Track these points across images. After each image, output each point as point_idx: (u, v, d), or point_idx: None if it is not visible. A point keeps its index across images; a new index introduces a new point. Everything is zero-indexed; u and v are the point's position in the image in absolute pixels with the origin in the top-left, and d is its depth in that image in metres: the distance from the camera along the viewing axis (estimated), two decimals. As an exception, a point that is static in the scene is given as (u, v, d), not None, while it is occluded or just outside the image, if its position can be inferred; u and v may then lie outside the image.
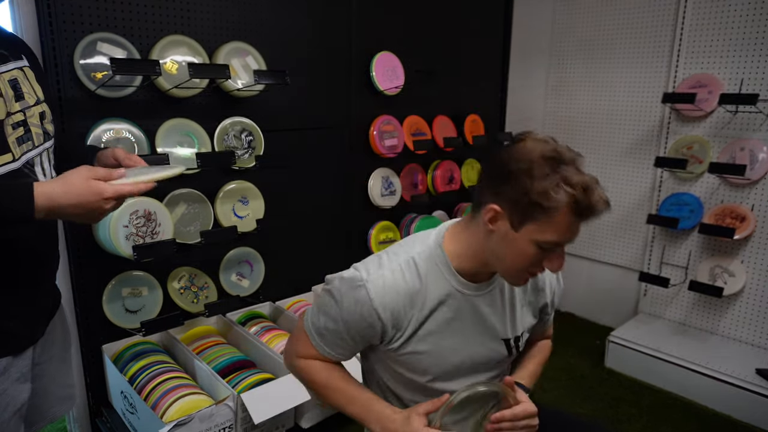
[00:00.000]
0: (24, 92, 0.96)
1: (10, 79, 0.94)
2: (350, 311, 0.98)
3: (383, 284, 0.97)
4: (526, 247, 0.91)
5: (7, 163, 0.89)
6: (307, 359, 1.09)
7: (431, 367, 1.03)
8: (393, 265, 0.99)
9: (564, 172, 0.86)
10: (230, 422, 1.64)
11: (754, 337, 2.42)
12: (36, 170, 0.98)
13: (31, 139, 0.96)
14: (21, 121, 0.94)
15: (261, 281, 2.24)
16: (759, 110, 2.27)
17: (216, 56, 1.95)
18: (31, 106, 0.97)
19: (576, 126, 2.99)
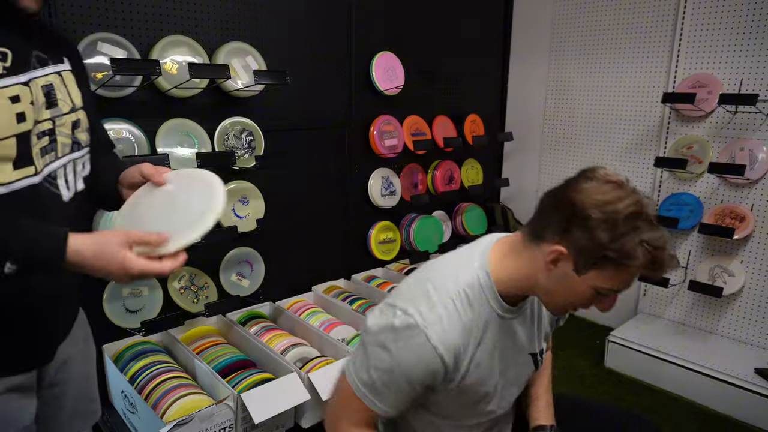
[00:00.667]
0: (58, 99, 0.90)
1: (44, 85, 0.87)
2: (409, 361, 0.90)
3: (442, 327, 0.90)
4: (585, 291, 0.89)
5: (29, 177, 0.83)
6: (360, 428, 0.99)
7: (480, 391, 1.00)
8: (444, 299, 0.92)
9: (643, 230, 0.82)
10: (230, 422, 1.64)
11: (754, 336, 2.43)
12: (59, 183, 0.91)
13: (55, 150, 0.90)
14: (48, 130, 0.88)
15: (261, 281, 2.25)
16: (759, 110, 2.28)
17: (216, 56, 1.95)
18: (64, 114, 0.91)
19: (576, 126, 2.99)
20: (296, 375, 1.75)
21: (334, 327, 2.16)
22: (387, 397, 0.94)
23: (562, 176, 0.98)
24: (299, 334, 2.12)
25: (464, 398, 1.00)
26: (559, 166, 3.09)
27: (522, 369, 1.08)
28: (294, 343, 1.99)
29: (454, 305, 0.92)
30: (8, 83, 0.79)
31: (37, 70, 0.86)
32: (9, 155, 0.79)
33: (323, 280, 2.57)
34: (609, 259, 0.83)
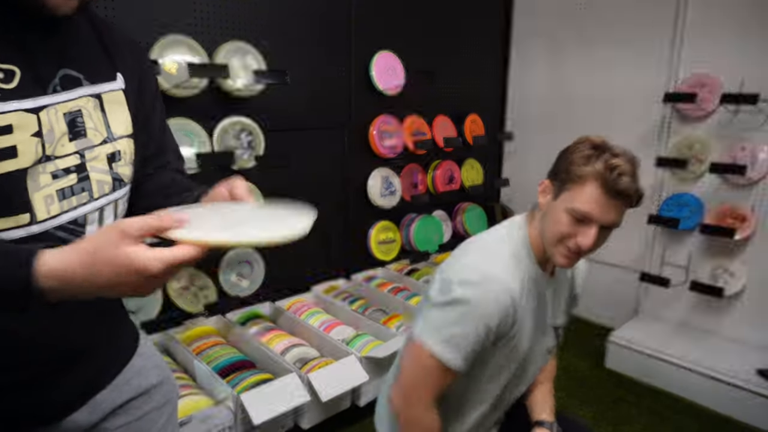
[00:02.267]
0: (87, 128, 0.72)
1: (69, 111, 0.70)
2: (490, 308, 0.99)
3: (506, 271, 1.02)
4: (561, 216, 1.00)
5: (18, 227, 0.65)
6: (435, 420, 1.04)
7: (514, 347, 1.08)
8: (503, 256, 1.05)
9: (605, 153, 0.98)
10: (230, 422, 1.63)
11: (756, 337, 2.42)
12: (88, 230, 0.73)
13: (88, 190, 0.72)
14: (75, 167, 0.70)
15: (261, 281, 2.24)
16: (760, 110, 2.27)
17: (216, 56, 1.95)
18: (96, 145, 0.73)
19: (576, 126, 2.98)
20: (296, 375, 1.74)
21: (333, 327, 2.15)
22: (469, 351, 1.00)
23: None
24: (299, 334, 2.12)
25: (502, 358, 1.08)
26: (559, 166, 3.08)
27: (547, 341, 1.17)
28: (294, 344, 1.99)
29: (509, 260, 1.04)
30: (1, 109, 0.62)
31: (60, 94, 0.69)
32: None
33: (323, 280, 2.56)
34: (571, 174, 0.98)
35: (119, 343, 0.88)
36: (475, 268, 1.02)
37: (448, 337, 0.99)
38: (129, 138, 0.79)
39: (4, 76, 0.63)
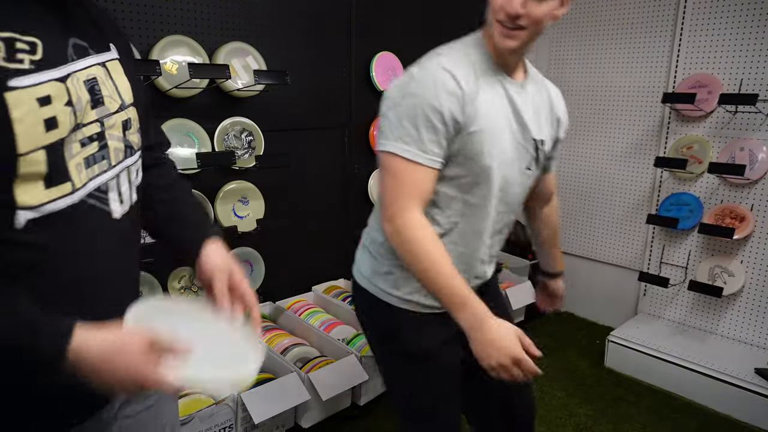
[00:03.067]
0: (104, 96, 0.74)
1: (87, 79, 0.71)
2: (428, 85, 1.01)
3: (450, 59, 1.05)
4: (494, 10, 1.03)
5: (64, 196, 0.67)
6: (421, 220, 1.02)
7: (491, 149, 1.07)
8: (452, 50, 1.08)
9: None
10: (230, 422, 1.64)
11: (754, 336, 2.43)
12: (110, 197, 0.75)
13: (107, 158, 0.74)
14: (96, 135, 0.72)
15: (261, 281, 2.24)
16: (758, 110, 2.28)
17: (216, 56, 1.95)
18: (113, 113, 0.75)
19: (576, 126, 2.99)
20: (296, 375, 1.75)
21: (334, 327, 2.16)
22: (425, 139, 1.00)
23: (562, 176, 1.01)
24: (299, 334, 2.12)
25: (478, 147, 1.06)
26: (559, 166, 3.08)
27: (526, 149, 1.15)
28: (294, 343, 1.99)
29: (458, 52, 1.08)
30: (37, 80, 0.63)
31: (77, 62, 0.70)
32: (38, 171, 0.63)
33: (323, 280, 2.57)
34: None
35: None
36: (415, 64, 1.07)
37: (401, 133, 1.01)
38: (133, 106, 0.80)
39: (30, 48, 0.64)
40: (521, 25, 1.01)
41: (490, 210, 1.12)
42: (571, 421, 2.15)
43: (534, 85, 1.20)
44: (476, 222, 1.12)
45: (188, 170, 1.88)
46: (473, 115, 1.03)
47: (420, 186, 1.02)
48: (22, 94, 0.61)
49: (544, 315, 3.18)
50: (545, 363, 2.59)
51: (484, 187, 1.09)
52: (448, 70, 1.02)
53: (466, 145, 1.04)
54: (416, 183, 1.02)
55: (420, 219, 1.02)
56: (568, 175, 3.04)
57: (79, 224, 0.69)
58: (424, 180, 1.02)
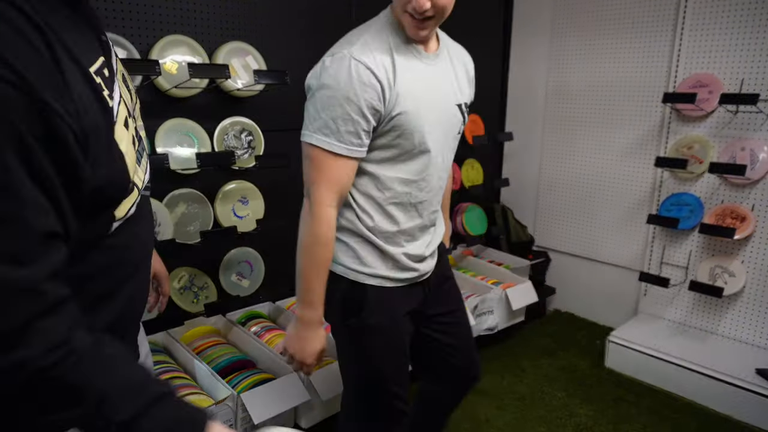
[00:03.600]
0: (130, 90, 0.75)
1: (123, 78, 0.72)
2: (343, 78, 1.03)
3: (364, 48, 1.06)
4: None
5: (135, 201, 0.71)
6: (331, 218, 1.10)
7: (418, 128, 1.11)
8: (359, 38, 1.09)
9: None
10: (230, 422, 1.64)
11: (754, 337, 2.42)
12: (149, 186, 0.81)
13: (144, 150, 0.77)
14: (135, 130, 0.73)
15: (261, 281, 2.24)
16: (759, 110, 2.27)
17: (216, 56, 1.95)
18: (135, 104, 0.78)
19: (576, 126, 2.98)
20: (296, 375, 1.75)
21: (334, 327, 2.16)
22: (342, 131, 1.04)
23: (562, 176, 1.00)
24: (299, 334, 2.12)
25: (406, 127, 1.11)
26: (559, 166, 3.08)
27: (454, 117, 1.22)
28: (294, 343, 1.99)
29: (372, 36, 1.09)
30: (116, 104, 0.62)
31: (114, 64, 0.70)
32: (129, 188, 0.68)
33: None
34: None
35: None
36: (333, 51, 1.09)
37: (320, 125, 1.05)
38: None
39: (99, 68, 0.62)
40: (430, 16, 1.06)
41: (430, 180, 1.20)
42: (571, 421, 2.15)
43: (447, 52, 1.25)
44: (419, 194, 1.19)
45: (188, 170, 1.88)
46: (395, 100, 1.08)
47: (338, 175, 1.08)
48: (119, 126, 0.63)
49: (544, 315, 3.18)
50: (545, 363, 2.60)
51: (421, 160, 1.16)
52: (362, 62, 1.04)
53: (394, 127, 1.10)
54: (335, 172, 1.08)
55: (330, 216, 1.10)
56: (568, 175, 3.04)
57: (140, 217, 0.74)
58: (344, 169, 1.08)
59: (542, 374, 2.49)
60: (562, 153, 3.07)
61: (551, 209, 3.16)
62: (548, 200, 3.17)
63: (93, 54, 0.62)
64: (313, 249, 1.11)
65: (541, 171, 3.19)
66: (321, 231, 1.10)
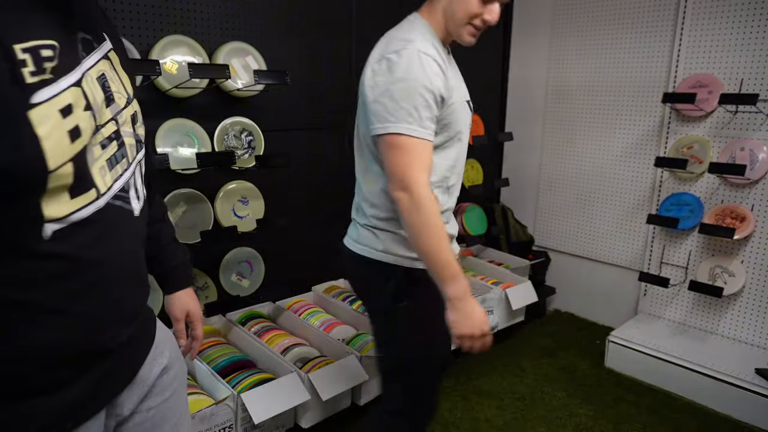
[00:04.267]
0: (114, 92, 0.71)
1: (98, 77, 0.68)
2: (422, 72, 1.12)
3: (424, 42, 1.17)
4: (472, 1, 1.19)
5: (89, 204, 0.65)
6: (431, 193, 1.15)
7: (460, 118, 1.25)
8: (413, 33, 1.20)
9: None
10: (230, 422, 1.64)
11: (754, 336, 2.43)
12: (131, 195, 0.74)
13: (126, 156, 0.72)
14: (114, 134, 0.69)
15: (261, 281, 2.25)
16: (759, 110, 2.27)
17: (216, 56, 1.95)
18: (123, 108, 0.73)
19: (576, 126, 2.99)
20: (296, 375, 1.75)
21: (334, 327, 2.16)
22: (423, 117, 1.13)
23: (562, 176, 1.01)
24: (299, 334, 2.12)
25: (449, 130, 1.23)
26: (559, 165, 3.09)
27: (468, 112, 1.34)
28: (294, 343, 1.99)
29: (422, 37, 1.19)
30: (58, 90, 0.59)
31: (87, 59, 0.66)
32: (65, 184, 0.62)
33: (323, 280, 2.57)
34: None
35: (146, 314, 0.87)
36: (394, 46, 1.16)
37: (403, 114, 1.12)
38: (135, 98, 0.79)
39: (52, 54, 0.59)
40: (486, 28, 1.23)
41: (459, 166, 1.32)
42: (571, 421, 2.15)
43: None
44: (453, 178, 1.31)
45: (188, 170, 1.88)
46: (450, 90, 1.20)
47: (425, 158, 1.15)
48: (46, 109, 0.58)
49: (544, 315, 3.18)
50: (545, 363, 2.60)
51: (457, 147, 1.28)
52: (429, 54, 1.15)
53: (446, 116, 1.20)
54: (422, 156, 1.14)
55: (430, 193, 1.15)
56: (568, 175, 3.04)
57: (106, 228, 0.68)
58: (427, 152, 1.16)
59: (542, 374, 2.49)
60: (562, 153, 3.07)
61: (551, 209, 3.17)
62: (548, 200, 3.17)
63: (38, 33, 0.59)
64: (434, 228, 1.13)
65: (541, 171, 3.19)
66: (433, 208, 1.13)
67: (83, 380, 0.70)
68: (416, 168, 1.12)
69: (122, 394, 0.80)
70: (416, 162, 1.12)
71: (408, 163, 1.12)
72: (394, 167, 1.14)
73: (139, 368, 0.82)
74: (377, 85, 1.15)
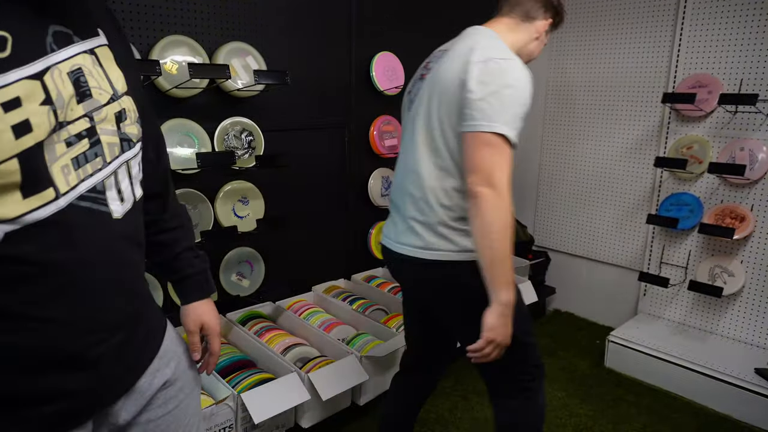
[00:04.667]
0: (91, 87, 0.68)
1: (71, 71, 0.65)
2: (527, 86, 1.20)
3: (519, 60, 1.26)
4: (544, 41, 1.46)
5: (46, 204, 0.62)
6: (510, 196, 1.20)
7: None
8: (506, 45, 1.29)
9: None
10: (230, 422, 1.64)
11: (754, 336, 2.43)
12: (108, 196, 0.70)
13: (101, 155, 0.69)
14: (86, 131, 0.67)
15: (261, 281, 2.25)
16: (758, 110, 2.28)
17: (216, 56, 1.95)
18: (103, 105, 0.70)
19: (576, 126, 2.99)
20: (296, 375, 1.75)
21: (334, 327, 2.16)
22: (518, 127, 1.18)
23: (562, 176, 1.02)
24: (299, 334, 2.12)
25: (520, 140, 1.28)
26: (558, 165, 3.09)
27: None
28: (294, 343, 1.99)
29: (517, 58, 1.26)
30: (2, 83, 0.57)
31: (58, 53, 0.64)
32: (12, 182, 0.59)
33: (323, 280, 2.57)
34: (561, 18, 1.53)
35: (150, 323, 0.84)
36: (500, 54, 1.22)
37: (508, 119, 1.16)
38: (128, 95, 0.75)
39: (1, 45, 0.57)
40: None
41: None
42: (571, 421, 2.15)
43: None
44: None
45: (188, 170, 1.89)
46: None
47: (511, 164, 1.18)
48: None
49: (544, 315, 3.18)
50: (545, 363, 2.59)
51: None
52: (526, 70, 1.23)
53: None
54: (510, 161, 1.18)
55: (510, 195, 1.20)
56: (567, 175, 3.04)
57: (70, 230, 0.64)
58: (512, 159, 1.19)
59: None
60: (561, 153, 3.07)
61: (551, 209, 3.17)
62: (548, 200, 3.17)
63: None
64: (508, 230, 1.15)
65: (541, 171, 3.19)
66: (510, 211, 1.16)
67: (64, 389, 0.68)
68: (505, 169, 1.15)
69: (117, 403, 0.77)
70: (505, 164, 1.15)
71: (499, 162, 1.15)
72: (483, 162, 1.15)
73: (136, 380, 0.80)
74: (485, 84, 1.16)
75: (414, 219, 1.30)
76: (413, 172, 1.29)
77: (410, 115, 1.36)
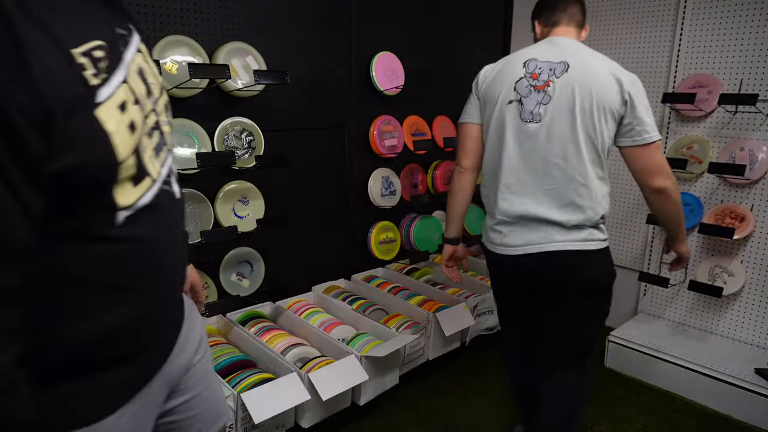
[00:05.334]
0: (150, 83, 0.74)
1: (138, 70, 0.71)
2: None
3: None
4: None
5: (147, 191, 0.71)
6: None
7: None
8: None
9: None
10: (230, 422, 1.64)
11: (754, 336, 2.43)
12: (172, 181, 0.80)
13: (166, 143, 0.77)
14: (155, 123, 0.74)
15: (261, 281, 2.25)
16: (758, 110, 2.28)
17: (216, 56, 1.95)
18: (158, 98, 0.76)
19: (576, 126, 2.98)
20: (296, 375, 1.75)
21: (334, 327, 2.16)
22: None
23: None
24: (299, 334, 2.12)
25: None
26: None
27: None
28: (294, 343, 1.99)
29: None
30: (113, 88, 0.63)
31: (126, 54, 0.69)
32: (130, 174, 0.68)
33: (323, 280, 2.57)
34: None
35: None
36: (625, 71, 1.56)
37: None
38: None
39: (104, 54, 0.63)
40: None
41: None
42: (571, 421, 2.15)
43: None
44: None
45: (188, 170, 1.89)
46: None
47: None
48: (108, 107, 0.62)
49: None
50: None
51: None
52: None
53: None
54: None
55: None
56: (568, 175, 3.03)
57: (161, 211, 0.74)
58: None
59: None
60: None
61: (551, 209, 3.16)
62: (548, 200, 3.17)
63: (88, 36, 0.62)
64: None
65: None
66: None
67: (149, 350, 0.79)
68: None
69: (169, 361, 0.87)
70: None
71: (665, 160, 1.45)
72: (661, 164, 1.44)
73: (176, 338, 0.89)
74: (641, 103, 1.43)
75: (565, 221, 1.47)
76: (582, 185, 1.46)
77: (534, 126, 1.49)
